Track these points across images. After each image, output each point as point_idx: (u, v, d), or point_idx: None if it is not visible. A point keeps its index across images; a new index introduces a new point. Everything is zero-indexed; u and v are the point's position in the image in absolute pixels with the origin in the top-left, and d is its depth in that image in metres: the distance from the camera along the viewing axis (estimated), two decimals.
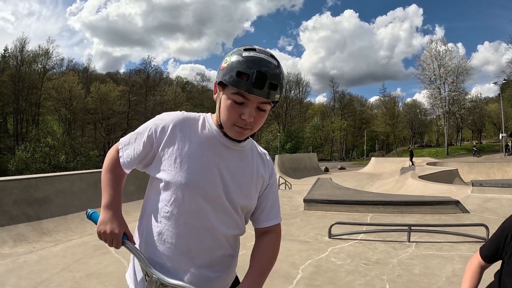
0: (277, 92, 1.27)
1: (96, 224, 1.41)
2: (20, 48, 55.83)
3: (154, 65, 68.92)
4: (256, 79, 1.21)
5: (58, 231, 7.21)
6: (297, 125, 67.86)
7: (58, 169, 35.79)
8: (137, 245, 1.43)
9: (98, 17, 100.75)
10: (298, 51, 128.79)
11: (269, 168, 1.50)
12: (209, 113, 1.48)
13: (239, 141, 1.39)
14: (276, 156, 20.73)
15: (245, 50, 1.29)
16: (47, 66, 58.50)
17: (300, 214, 8.78)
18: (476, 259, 1.80)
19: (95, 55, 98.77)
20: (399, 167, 20.38)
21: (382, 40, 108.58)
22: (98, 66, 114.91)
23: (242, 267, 1.59)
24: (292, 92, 72.54)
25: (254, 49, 1.30)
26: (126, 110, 59.51)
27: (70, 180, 9.11)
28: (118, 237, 1.37)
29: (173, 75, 78.71)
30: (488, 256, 1.75)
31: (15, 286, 4.43)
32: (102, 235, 1.39)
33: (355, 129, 75.41)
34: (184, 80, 75.40)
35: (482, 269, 1.77)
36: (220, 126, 1.36)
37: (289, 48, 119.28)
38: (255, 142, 1.53)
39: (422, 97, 68.59)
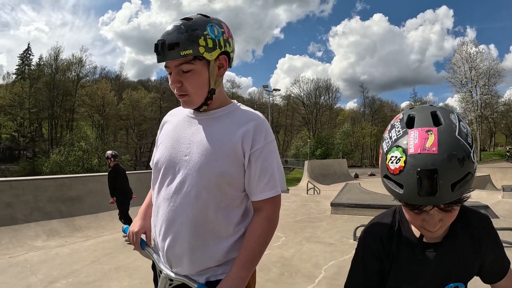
0: (180, 49, 1.26)
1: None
2: (54, 57, 58.42)
3: None
4: (155, 48, 1.29)
5: (89, 228, 7.55)
6: (327, 131, 67.27)
7: (90, 172, 36.97)
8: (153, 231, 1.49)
9: (129, 27, 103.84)
10: (328, 57, 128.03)
11: (255, 131, 1.36)
12: None
13: (205, 110, 1.42)
14: (306, 162, 20.71)
15: None
16: (80, 74, 60.80)
17: (327, 217, 8.81)
18: None
19: (127, 63, 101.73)
20: None
21: (413, 43, 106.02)
22: (130, 74, 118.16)
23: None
24: (322, 98, 71.98)
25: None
26: (158, 116, 60.76)
27: (102, 181, 9.50)
28: (136, 236, 1.53)
29: None
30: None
31: (46, 275, 4.72)
32: (128, 236, 1.58)
33: None
34: None
35: None
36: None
37: (319, 54, 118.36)
38: (244, 108, 1.48)
39: (454, 101, 65.94)
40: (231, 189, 1.36)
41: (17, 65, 62.11)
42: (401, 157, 0.89)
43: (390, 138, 0.96)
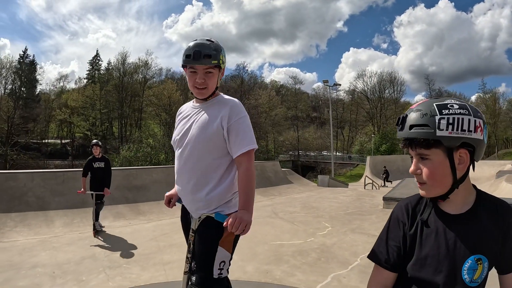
0: (211, 59, 2.08)
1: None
2: (121, 61, 63.06)
3: (248, 70, 71.55)
4: (193, 54, 2.07)
5: (151, 213, 8.44)
6: (392, 126, 64.60)
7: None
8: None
9: (193, 28, 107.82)
10: (393, 49, 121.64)
11: (229, 112, 2.10)
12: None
13: (204, 100, 2.21)
14: (368, 158, 20.54)
15: (188, 44, 2.15)
16: (147, 76, 65.02)
17: (378, 211, 8.99)
18: (374, 278, 1.40)
19: None
20: (497, 170, 18.82)
21: (482, 30, 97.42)
22: None
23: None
24: (387, 91, 68.85)
25: (194, 40, 2.16)
26: None
27: (166, 172, 10.60)
28: (166, 198, 2.37)
29: (268, 79, 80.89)
30: (395, 261, 1.34)
31: (107, 248, 5.56)
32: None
33: None
34: (279, 84, 76.95)
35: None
36: (196, 99, 2.28)
37: (384, 45, 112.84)
38: (226, 97, 2.25)
39: None
40: (216, 151, 2.12)
41: (87, 70, 68.09)
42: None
43: None
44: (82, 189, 6.59)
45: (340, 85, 59.11)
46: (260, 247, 5.64)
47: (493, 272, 1.27)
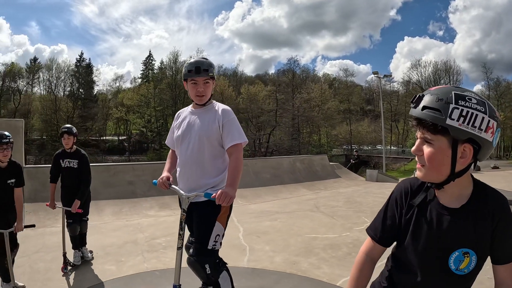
0: (209, 72, 2.77)
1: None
2: (173, 60, 65.43)
3: (300, 63, 71.28)
4: (195, 69, 2.75)
5: None
6: None
7: None
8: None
9: (244, 24, 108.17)
10: (449, 36, 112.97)
11: (222, 115, 2.80)
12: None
13: (202, 105, 2.88)
14: None
15: (188, 62, 2.85)
16: None
17: None
18: (365, 246, 1.55)
19: (245, 59, 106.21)
20: None
21: None
22: (249, 69, 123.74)
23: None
24: (442, 81, 64.76)
25: (193, 58, 2.90)
26: (274, 108, 62.84)
27: None
28: (163, 180, 2.85)
29: (320, 72, 79.80)
30: (385, 237, 1.48)
31: (151, 234, 6.12)
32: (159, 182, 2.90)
33: None
34: (332, 77, 75.79)
35: (373, 262, 1.53)
36: (193, 105, 2.96)
37: (440, 33, 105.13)
38: (219, 104, 2.93)
39: None
40: (214, 145, 2.79)
41: (141, 70, 71.37)
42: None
43: None
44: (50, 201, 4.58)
45: (391, 76, 56.98)
46: (294, 239, 5.83)
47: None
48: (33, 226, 3.88)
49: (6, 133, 3.65)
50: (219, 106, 2.89)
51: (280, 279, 4.17)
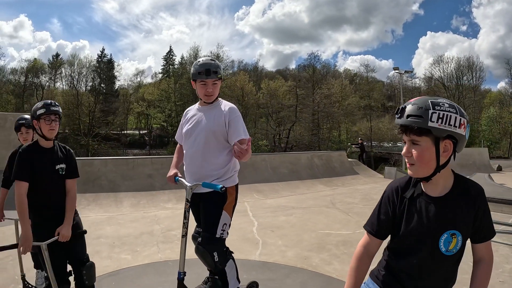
0: (217, 74, 2.97)
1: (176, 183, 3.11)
2: (194, 55, 65.48)
3: (321, 59, 70.75)
4: (206, 71, 2.92)
5: None
6: (471, 116, 58.09)
7: None
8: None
9: (265, 19, 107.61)
10: (473, 31, 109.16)
11: (228, 112, 2.97)
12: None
13: (210, 103, 3.07)
14: None
15: (197, 61, 3.05)
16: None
17: None
18: (363, 241, 1.73)
19: (266, 54, 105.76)
20: None
21: None
22: (270, 64, 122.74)
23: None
24: (465, 78, 62.31)
25: (201, 59, 3.06)
26: (294, 103, 62.65)
27: None
28: (170, 176, 3.11)
29: (342, 68, 78.87)
30: (381, 231, 1.68)
31: (167, 226, 6.27)
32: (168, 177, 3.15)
33: None
34: (353, 72, 74.88)
35: (370, 254, 1.70)
36: (201, 102, 3.14)
37: (463, 28, 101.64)
38: (224, 101, 3.14)
39: None
40: (219, 140, 2.98)
41: (162, 66, 71.75)
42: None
43: None
44: None
45: (412, 72, 55.58)
46: (307, 235, 5.89)
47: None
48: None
49: (54, 101, 3.05)
50: (225, 104, 3.09)
51: (290, 273, 4.24)
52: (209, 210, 2.96)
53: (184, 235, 2.82)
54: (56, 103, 3.08)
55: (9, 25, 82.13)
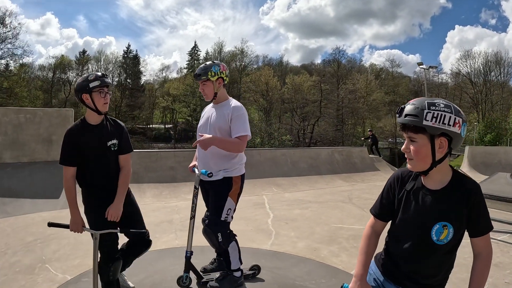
0: (201, 76, 3.38)
1: None
2: (218, 51, 67.05)
3: (347, 53, 70.05)
4: (195, 75, 3.48)
5: None
6: (499, 113, 55.47)
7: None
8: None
9: (290, 14, 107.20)
10: (502, 25, 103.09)
11: (232, 110, 3.35)
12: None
13: (217, 103, 3.52)
14: (466, 148, 18.98)
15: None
16: (243, 63, 68.04)
17: None
18: (370, 221, 1.96)
19: (291, 49, 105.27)
20: None
21: None
22: (295, 59, 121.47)
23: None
24: (492, 74, 58.91)
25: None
26: (319, 98, 62.49)
27: (250, 154, 11.39)
28: (190, 167, 3.69)
29: (368, 63, 77.73)
30: (382, 214, 1.89)
31: (186, 215, 6.38)
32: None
33: None
34: (378, 67, 73.74)
35: (377, 234, 1.93)
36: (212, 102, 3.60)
37: (492, 21, 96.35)
38: (234, 100, 3.51)
39: None
40: (224, 135, 3.34)
41: (187, 61, 73.51)
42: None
43: None
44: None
45: (437, 67, 54.10)
46: (320, 228, 6.07)
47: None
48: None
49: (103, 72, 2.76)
50: (233, 103, 3.46)
51: (297, 263, 4.44)
52: (216, 196, 3.43)
53: (192, 217, 3.39)
54: (107, 75, 2.93)
55: (36, 23, 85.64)
